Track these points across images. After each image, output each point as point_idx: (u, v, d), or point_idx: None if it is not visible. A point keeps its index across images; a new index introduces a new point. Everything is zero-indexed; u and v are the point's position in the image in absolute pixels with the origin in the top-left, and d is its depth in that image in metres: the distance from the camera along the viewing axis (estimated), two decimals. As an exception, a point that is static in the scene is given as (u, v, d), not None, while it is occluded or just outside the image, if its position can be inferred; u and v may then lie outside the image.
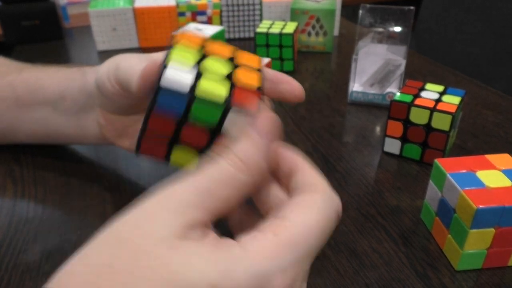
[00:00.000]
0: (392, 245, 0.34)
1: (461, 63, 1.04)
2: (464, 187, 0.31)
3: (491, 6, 0.99)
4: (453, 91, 0.45)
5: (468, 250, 0.31)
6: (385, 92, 0.56)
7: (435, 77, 0.66)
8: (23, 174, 0.43)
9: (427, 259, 0.33)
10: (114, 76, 0.32)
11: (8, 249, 0.34)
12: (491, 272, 0.32)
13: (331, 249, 0.34)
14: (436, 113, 0.41)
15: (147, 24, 0.79)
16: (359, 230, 0.36)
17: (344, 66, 0.71)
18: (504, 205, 0.29)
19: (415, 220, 0.37)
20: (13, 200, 0.40)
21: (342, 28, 0.87)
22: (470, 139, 0.49)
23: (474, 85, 0.63)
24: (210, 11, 0.79)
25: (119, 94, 0.33)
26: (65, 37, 0.86)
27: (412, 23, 0.55)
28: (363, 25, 0.56)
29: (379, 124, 0.53)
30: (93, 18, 0.76)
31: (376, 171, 0.44)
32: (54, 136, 0.42)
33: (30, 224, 0.37)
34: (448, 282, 0.31)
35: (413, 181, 0.42)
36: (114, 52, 0.78)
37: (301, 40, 0.76)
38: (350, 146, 0.48)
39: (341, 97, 0.60)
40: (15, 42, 0.82)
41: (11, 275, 0.32)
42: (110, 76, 0.32)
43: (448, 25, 1.09)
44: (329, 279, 0.31)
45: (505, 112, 0.55)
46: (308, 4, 0.75)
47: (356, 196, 0.40)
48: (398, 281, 0.31)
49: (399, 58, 0.55)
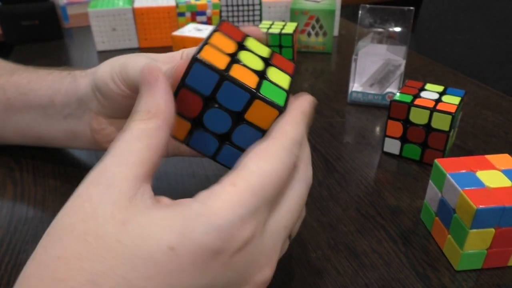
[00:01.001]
0: (392, 245, 0.34)
1: (461, 63, 1.04)
2: (464, 187, 0.31)
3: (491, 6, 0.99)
4: (453, 91, 0.45)
5: (468, 250, 0.31)
6: (384, 92, 0.56)
7: (435, 77, 0.66)
8: (23, 175, 0.43)
9: (427, 259, 0.33)
10: (121, 76, 0.31)
11: (8, 249, 0.34)
12: (491, 272, 0.32)
13: (331, 249, 0.34)
14: (436, 113, 0.41)
15: (147, 24, 0.79)
16: (358, 230, 0.36)
17: (344, 66, 0.71)
18: (504, 205, 0.29)
19: (415, 220, 0.37)
20: (13, 200, 0.40)
21: (342, 28, 0.87)
22: (470, 139, 0.49)
23: (474, 85, 0.63)
24: (210, 11, 0.79)
25: (124, 95, 0.32)
26: (65, 37, 0.86)
27: (412, 23, 0.55)
28: (363, 25, 0.56)
29: (379, 124, 0.53)
30: (92, 18, 0.76)
31: (376, 171, 0.44)
32: (45, 139, 0.41)
33: (30, 224, 0.37)
34: (448, 282, 0.31)
35: (413, 181, 0.42)
36: (114, 52, 0.78)
37: (301, 40, 0.76)
38: (350, 146, 0.48)
39: (341, 97, 0.60)
40: (15, 42, 0.82)
41: (11, 275, 0.32)
42: (114, 76, 0.32)
43: (448, 25, 1.09)
44: (329, 279, 0.31)
45: (505, 112, 0.55)
46: (307, 4, 0.75)
47: (356, 196, 0.40)
48: (397, 281, 0.31)
49: (399, 58, 0.55)
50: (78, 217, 0.20)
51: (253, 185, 0.21)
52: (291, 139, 0.23)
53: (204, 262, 0.20)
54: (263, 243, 0.22)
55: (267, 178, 0.21)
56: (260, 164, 0.22)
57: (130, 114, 0.24)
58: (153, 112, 0.23)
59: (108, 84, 0.32)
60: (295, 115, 0.25)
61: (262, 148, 0.23)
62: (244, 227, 0.20)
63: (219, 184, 0.21)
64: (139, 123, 0.23)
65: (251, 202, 0.21)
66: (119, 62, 0.32)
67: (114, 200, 0.20)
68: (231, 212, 0.20)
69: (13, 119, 0.41)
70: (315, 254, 0.33)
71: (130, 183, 0.21)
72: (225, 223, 0.20)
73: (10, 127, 0.41)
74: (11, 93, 0.40)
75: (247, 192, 0.21)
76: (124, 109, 0.34)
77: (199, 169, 0.43)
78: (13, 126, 0.41)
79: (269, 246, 0.23)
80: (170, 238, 0.19)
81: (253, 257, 0.21)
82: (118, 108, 0.34)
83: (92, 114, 0.36)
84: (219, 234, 0.20)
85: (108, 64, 0.33)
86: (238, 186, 0.21)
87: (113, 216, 0.20)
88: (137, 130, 0.22)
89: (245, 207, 0.20)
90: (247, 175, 0.21)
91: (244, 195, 0.21)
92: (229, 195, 0.20)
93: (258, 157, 0.22)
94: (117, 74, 0.32)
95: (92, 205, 0.20)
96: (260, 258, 0.22)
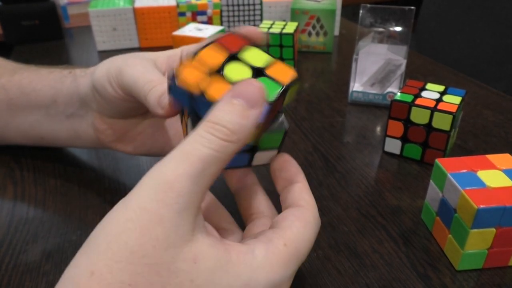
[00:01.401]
0: (392, 245, 0.34)
1: (462, 63, 1.04)
2: (465, 187, 0.31)
3: (491, 6, 0.99)
4: (453, 91, 0.45)
5: (469, 250, 0.31)
6: (385, 92, 0.56)
7: (435, 77, 0.66)
8: (23, 175, 0.43)
9: (427, 259, 0.33)
10: (117, 82, 0.31)
11: (8, 249, 0.34)
12: (492, 272, 0.32)
13: (331, 249, 0.34)
14: (437, 113, 0.41)
15: (147, 24, 0.79)
16: (359, 230, 0.36)
17: (344, 66, 0.71)
18: (505, 205, 0.29)
19: (415, 220, 0.37)
20: (13, 200, 0.40)
21: (342, 28, 0.87)
22: (471, 139, 0.49)
23: (475, 85, 0.63)
24: (210, 11, 0.79)
25: (122, 98, 0.32)
26: (65, 37, 0.86)
27: (413, 23, 0.55)
28: (363, 25, 0.56)
29: (380, 124, 0.53)
30: (93, 18, 0.76)
31: (376, 171, 0.44)
32: (47, 139, 0.41)
33: (30, 224, 0.36)
34: (449, 282, 0.31)
35: (413, 181, 0.42)
36: (114, 52, 0.78)
37: (302, 40, 0.76)
38: (350, 146, 0.48)
39: (341, 97, 0.60)
40: (15, 42, 0.82)
41: (11, 275, 0.32)
42: (111, 80, 0.32)
43: (448, 25, 1.09)
44: (330, 279, 0.31)
45: (505, 112, 0.55)
46: (308, 4, 0.75)
47: (356, 196, 0.40)
48: (398, 281, 0.31)
49: (400, 58, 0.55)
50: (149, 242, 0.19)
51: (297, 249, 0.24)
52: (315, 207, 0.27)
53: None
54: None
55: (306, 244, 0.24)
56: (303, 231, 0.25)
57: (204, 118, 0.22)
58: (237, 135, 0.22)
59: (105, 87, 0.32)
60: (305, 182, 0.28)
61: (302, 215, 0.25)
62: (287, 283, 0.24)
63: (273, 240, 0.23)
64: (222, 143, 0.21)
65: (295, 264, 0.24)
66: (115, 65, 0.32)
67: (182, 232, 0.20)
68: (284, 271, 0.23)
69: (16, 120, 0.40)
70: (316, 254, 0.33)
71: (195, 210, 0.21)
72: (278, 281, 0.23)
73: (13, 128, 0.41)
74: (14, 93, 0.40)
75: (295, 255, 0.24)
76: (123, 110, 0.34)
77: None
78: (16, 126, 0.41)
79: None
80: (238, 286, 0.21)
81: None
82: (117, 109, 0.34)
83: (95, 114, 0.36)
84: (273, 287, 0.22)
85: (105, 66, 0.33)
86: (288, 248, 0.23)
87: (182, 251, 0.20)
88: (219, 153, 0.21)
89: (291, 268, 0.23)
90: (294, 239, 0.24)
91: (292, 257, 0.23)
92: (283, 255, 0.23)
93: (299, 223, 0.25)
94: (113, 78, 0.32)
95: (164, 231, 0.19)
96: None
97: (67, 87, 0.37)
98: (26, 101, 0.39)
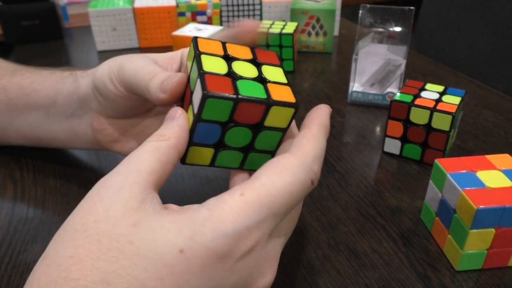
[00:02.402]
0: (392, 245, 0.34)
1: (461, 63, 1.04)
2: (464, 187, 0.31)
3: (491, 5, 0.99)
4: (453, 91, 0.45)
5: (468, 250, 0.31)
6: (385, 92, 0.56)
7: (435, 77, 0.66)
8: (23, 175, 0.43)
9: (427, 260, 0.33)
10: (118, 77, 0.32)
11: (8, 249, 0.34)
12: (491, 273, 0.32)
13: (331, 249, 0.34)
14: (436, 113, 0.41)
15: (147, 24, 0.79)
16: (359, 230, 0.36)
17: (344, 66, 0.71)
18: (505, 205, 0.29)
19: (415, 220, 0.37)
20: (13, 200, 0.40)
21: (342, 28, 0.87)
22: (470, 139, 0.49)
23: (474, 85, 0.63)
24: (210, 11, 0.79)
25: (123, 96, 0.32)
26: (65, 37, 0.86)
27: (412, 23, 0.55)
28: (363, 25, 0.56)
29: (379, 124, 0.53)
30: (93, 18, 0.76)
31: (376, 171, 0.44)
32: (46, 139, 0.41)
33: (30, 224, 0.37)
34: (448, 283, 0.31)
35: (413, 181, 0.42)
36: (114, 52, 0.78)
37: (301, 40, 0.76)
38: (350, 146, 0.48)
39: (341, 97, 0.60)
40: (15, 42, 0.82)
41: (11, 275, 0.32)
42: (112, 77, 0.32)
43: (448, 25, 1.09)
44: (329, 279, 0.31)
45: (505, 112, 0.55)
46: (308, 4, 0.75)
47: (356, 196, 0.40)
48: (398, 281, 0.31)
49: (399, 58, 0.55)
50: (90, 218, 0.21)
51: (261, 197, 0.22)
52: (311, 156, 0.24)
53: (211, 265, 0.20)
54: (266, 251, 0.23)
55: (277, 192, 0.22)
56: (272, 178, 0.22)
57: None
58: (167, 135, 0.24)
59: (106, 84, 0.32)
60: (315, 130, 0.25)
61: (278, 162, 0.23)
62: (249, 236, 0.21)
63: (228, 192, 0.22)
64: (152, 142, 0.24)
65: (257, 214, 0.21)
66: (117, 63, 0.32)
67: (125, 202, 0.21)
68: (237, 221, 0.21)
69: (16, 121, 0.41)
70: (315, 254, 0.33)
71: (141, 187, 0.22)
72: (231, 231, 0.21)
73: (12, 129, 0.41)
74: (14, 94, 0.40)
75: (255, 204, 0.21)
76: (123, 109, 0.35)
77: (200, 169, 0.43)
78: (16, 127, 0.41)
79: (271, 253, 0.24)
80: (180, 241, 0.20)
81: (256, 263, 0.22)
82: (117, 108, 0.34)
83: (94, 114, 0.36)
84: (225, 240, 0.21)
85: (106, 65, 0.33)
86: (246, 196, 0.22)
87: (124, 218, 0.20)
88: (150, 146, 0.24)
89: (250, 218, 0.21)
90: (258, 186, 0.22)
91: (251, 206, 0.21)
92: (237, 204, 0.21)
93: (272, 170, 0.23)
94: (115, 74, 0.32)
95: (103, 206, 0.21)
96: (263, 264, 0.23)
97: (68, 88, 0.37)
98: (27, 102, 0.39)
